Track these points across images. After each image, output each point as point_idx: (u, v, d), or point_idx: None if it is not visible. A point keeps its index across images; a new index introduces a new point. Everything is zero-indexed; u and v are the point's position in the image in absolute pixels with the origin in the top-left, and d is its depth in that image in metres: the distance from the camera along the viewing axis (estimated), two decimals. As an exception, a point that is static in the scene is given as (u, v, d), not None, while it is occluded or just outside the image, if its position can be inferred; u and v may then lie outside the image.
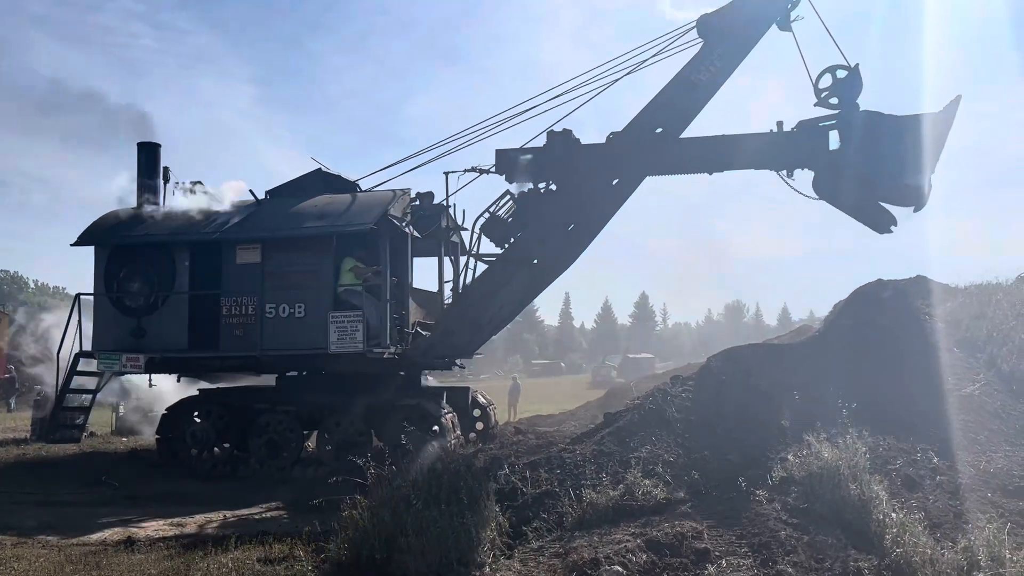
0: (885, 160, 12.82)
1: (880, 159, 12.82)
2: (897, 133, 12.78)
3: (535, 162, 14.03)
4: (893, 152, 12.78)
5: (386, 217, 14.56)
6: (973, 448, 8.84)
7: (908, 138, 12.73)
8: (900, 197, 13.06)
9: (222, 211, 16.05)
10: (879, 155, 12.82)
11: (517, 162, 14.14)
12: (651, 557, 6.81)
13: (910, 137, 12.71)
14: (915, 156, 12.69)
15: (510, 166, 14.18)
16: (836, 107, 13.09)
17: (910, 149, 12.71)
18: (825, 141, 13.19)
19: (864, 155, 12.86)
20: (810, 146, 13.27)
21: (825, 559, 6.58)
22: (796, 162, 13.41)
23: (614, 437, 9.62)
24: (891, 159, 12.79)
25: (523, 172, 14.15)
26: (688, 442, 9.19)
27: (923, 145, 12.69)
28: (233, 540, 9.10)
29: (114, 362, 15.58)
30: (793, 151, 13.43)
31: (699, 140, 13.76)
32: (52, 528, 10.33)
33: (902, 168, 12.81)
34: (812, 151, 13.26)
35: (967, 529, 6.79)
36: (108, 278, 15.97)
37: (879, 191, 13.07)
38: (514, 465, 9.42)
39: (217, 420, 15.39)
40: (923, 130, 12.68)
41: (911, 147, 12.71)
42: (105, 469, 15.02)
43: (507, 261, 14.26)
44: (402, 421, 14.15)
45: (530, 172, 14.08)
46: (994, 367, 11.16)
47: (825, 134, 13.22)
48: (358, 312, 14.11)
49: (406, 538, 7.07)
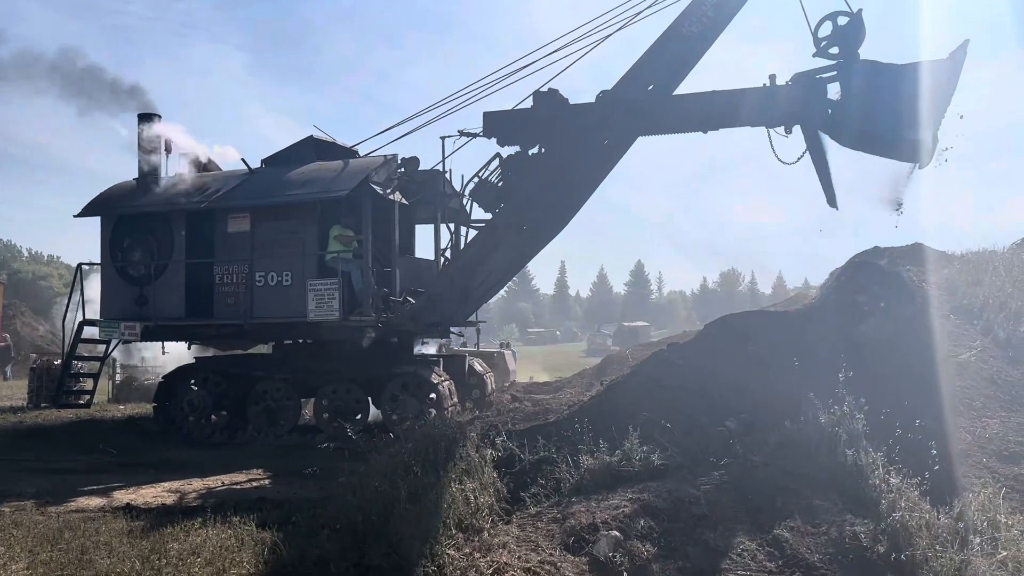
0: (882, 113, 12.04)
1: (877, 111, 12.05)
2: (895, 83, 11.98)
3: (523, 124, 13.66)
4: (890, 104, 12.01)
5: (366, 183, 14.38)
6: (969, 414, 8.87)
7: (906, 88, 11.93)
8: (899, 152, 12.35)
9: (217, 180, 16.06)
10: (876, 107, 12.04)
11: (504, 124, 13.78)
12: (648, 522, 6.84)
13: (908, 87, 11.92)
14: (913, 108, 11.88)
15: (498, 129, 13.86)
16: (836, 57, 12.28)
17: (908, 100, 11.91)
18: (823, 93, 12.47)
19: (862, 107, 12.11)
20: (808, 99, 12.50)
21: (821, 524, 6.62)
22: (793, 118, 12.67)
23: (611, 404, 9.64)
24: (888, 111, 12.02)
25: (512, 135, 13.84)
26: (685, 408, 9.20)
27: (923, 96, 11.86)
28: (231, 506, 9.15)
29: (114, 330, 15.70)
30: (789, 105, 12.63)
31: (688, 96, 13.09)
32: (50, 495, 10.35)
33: (898, 121, 12.04)
34: (810, 105, 12.51)
35: (963, 494, 6.82)
36: (113, 248, 16.09)
37: (877, 145, 12.38)
38: (511, 432, 9.44)
39: (214, 388, 15.46)
40: (923, 79, 11.85)
41: (909, 98, 11.90)
42: (103, 436, 15.07)
43: (495, 227, 14.07)
44: (399, 389, 14.21)
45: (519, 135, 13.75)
46: (990, 333, 11.16)
47: (823, 86, 12.49)
48: (335, 280, 14.07)
49: (404, 504, 7.08)
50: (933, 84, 11.86)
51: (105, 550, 7.41)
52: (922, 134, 12.00)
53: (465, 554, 6.54)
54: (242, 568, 6.73)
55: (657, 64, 13.02)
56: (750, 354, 10.27)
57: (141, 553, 7.21)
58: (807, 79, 12.60)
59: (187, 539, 7.69)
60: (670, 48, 12.95)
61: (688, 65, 13.07)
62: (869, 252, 13.94)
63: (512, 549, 6.56)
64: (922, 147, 12.14)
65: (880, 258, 13.42)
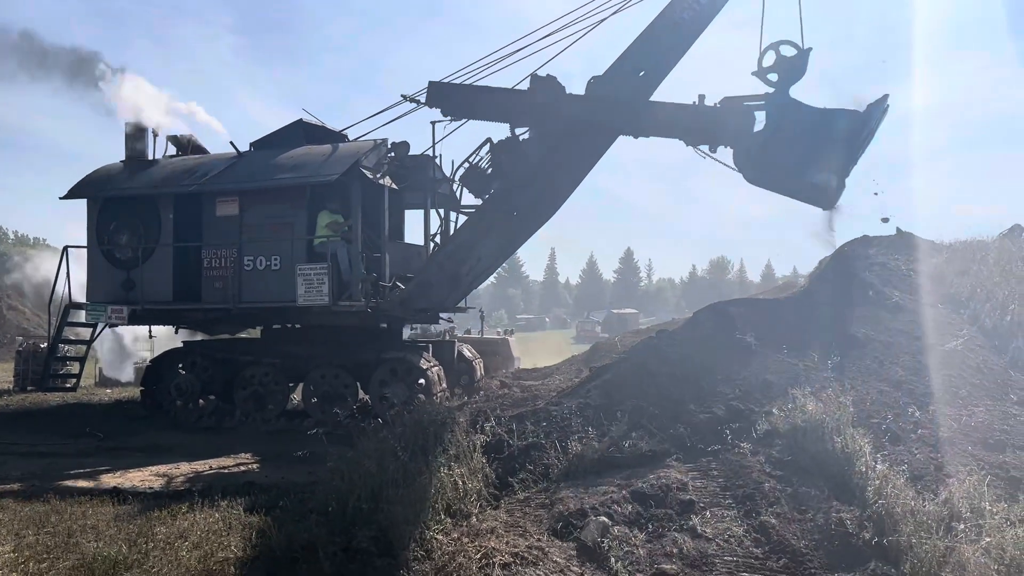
0: (791, 153, 12.27)
1: (788, 150, 12.28)
2: (811, 126, 12.24)
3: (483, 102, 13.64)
4: (801, 145, 12.25)
5: (356, 168, 14.28)
6: (955, 402, 8.92)
7: (820, 133, 12.22)
8: (805, 194, 12.63)
9: (205, 164, 15.93)
10: (788, 146, 12.28)
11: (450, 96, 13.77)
12: (636, 508, 6.87)
13: (823, 132, 12.21)
14: (821, 153, 12.18)
15: (442, 100, 13.79)
16: (773, 85, 12.49)
17: (820, 145, 12.20)
18: (750, 122, 12.66)
19: (778, 144, 12.32)
20: (733, 125, 12.67)
21: (808, 510, 6.66)
22: (718, 139, 12.90)
23: (600, 390, 9.64)
24: (797, 152, 12.25)
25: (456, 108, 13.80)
26: (673, 395, 9.21)
27: (835, 143, 12.18)
28: (219, 491, 9.13)
29: (100, 313, 15.61)
30: (715, 129, 12.87)
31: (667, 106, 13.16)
32: (37, 479, 10.32)
33: (806, 164, 12.29)
34: (735, 131, 12.68)
35: (948, 482, 6.87)
36: (100, 231, 15.96)
37: (781, 184, 12.66)
38: (500, 418, 9.45)
39: (202, 372, 15.40)
40: (837, 127, 12.17)
41: (822, 143, 12.20)
42: (89, 420, 15.00)
43: (485, 212, 14.05)
44: (388, 374, 14.19)
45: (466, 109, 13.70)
46: (977, 323, 11.23)
47: (750, 114, 12.69)
48: (324, 265, 14.01)
49: (392, 489, 7.09)
50: (847, 132, 12.16)
51: (92, 533, 7.40)
52: (827, 179, 12.28)
53: (453, 539, 6.55)
54: (230, 552, 6.73)
55: (648, 51, 12.99)
56: (738, 341, 10.29)
57: (128, 537, 7.20)
58: (737, 104, 12.76)
59: (174, 523, 7.68)
60: (661, 35, 12.92)
61: (680, 51, 13.03)
62: (858, 241, 13.99)
63: (500, 534, 6.58)
64: (826, 192, 12.43)
65: (869, 247, 13.48)
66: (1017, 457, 7.74)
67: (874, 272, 12.48)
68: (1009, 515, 6.21)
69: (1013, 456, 7.74)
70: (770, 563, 6.09)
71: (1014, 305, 11.30)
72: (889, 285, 12.07)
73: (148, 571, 6.28)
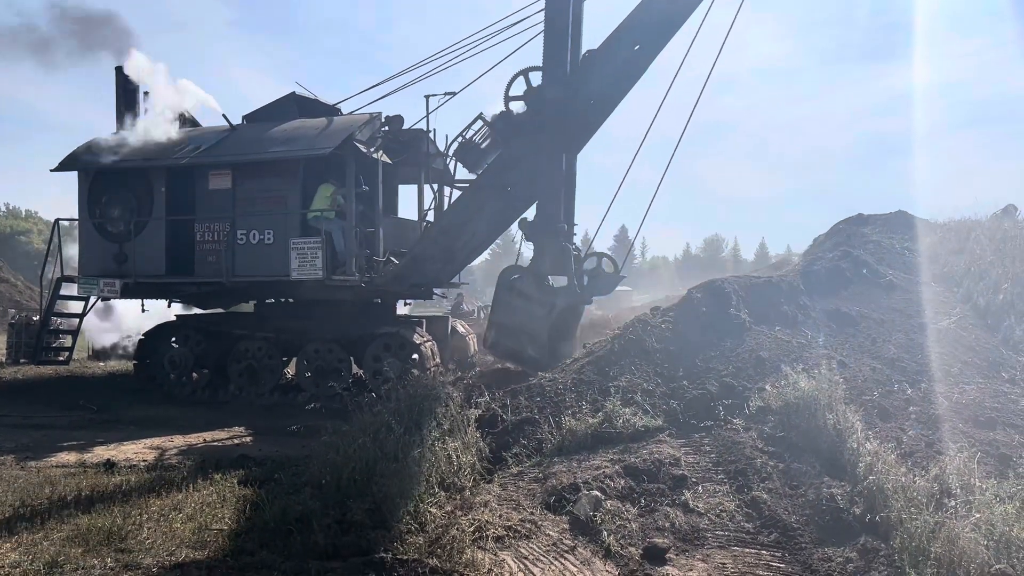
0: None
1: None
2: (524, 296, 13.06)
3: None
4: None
5: (350, 141, 14.18)
6: (947, 380, 8.97)
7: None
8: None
9: (198, 136, 15.79)
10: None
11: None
12: (629, 482, 6.90)
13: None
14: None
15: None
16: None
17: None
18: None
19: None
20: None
21: (799, 486, 6.70)
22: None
23: (594, 366, 9.65)
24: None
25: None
26: (667, 372, 9.25)
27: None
28: (213, 463, 9.15)
29: (93, 286, 15.55)
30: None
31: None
32: (30, 450, 10.33)
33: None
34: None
35: (939, 458, 6.91)
36: (91, 204, 15.81)
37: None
38: (494, 392, 9.47)
39: (195, 346, 15.37)
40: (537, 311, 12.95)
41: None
42: (83, 393, 14.99)
43: (479, 187, 14.00)
44: (381, 349, 14.18)
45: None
46: (970, 301, 11.28)
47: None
48: (318, 239, 13.96)
49: (387, 462, 7.10)
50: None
51: (86, 504, 7.40)
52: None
53: (447, 512, 6.58)
54: (223, 524, 6.75)
55: (643, 24, 12.87)
56: (732, 319, 10.31)
57: (122, 508, 7.21)
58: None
59: (168, 495, 7.69)
60: (657, 7, 12.80)
61: (675, 25, 12.91)
62: (853, 219, 14.00)
63: (493, 508, 6.61)
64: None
65: (864, 225, 13.48)
66: (1007, 434, 7.80)
67: (868, 250, 12.49)
68: (999, 491, 6.25)
69: (1003, 433, 7.80)
70: (761, 537, 6.14)
71: (1007, 284, 11.35)
72: (883, 263, 12.10)
73: (142, 542, 6.30)
